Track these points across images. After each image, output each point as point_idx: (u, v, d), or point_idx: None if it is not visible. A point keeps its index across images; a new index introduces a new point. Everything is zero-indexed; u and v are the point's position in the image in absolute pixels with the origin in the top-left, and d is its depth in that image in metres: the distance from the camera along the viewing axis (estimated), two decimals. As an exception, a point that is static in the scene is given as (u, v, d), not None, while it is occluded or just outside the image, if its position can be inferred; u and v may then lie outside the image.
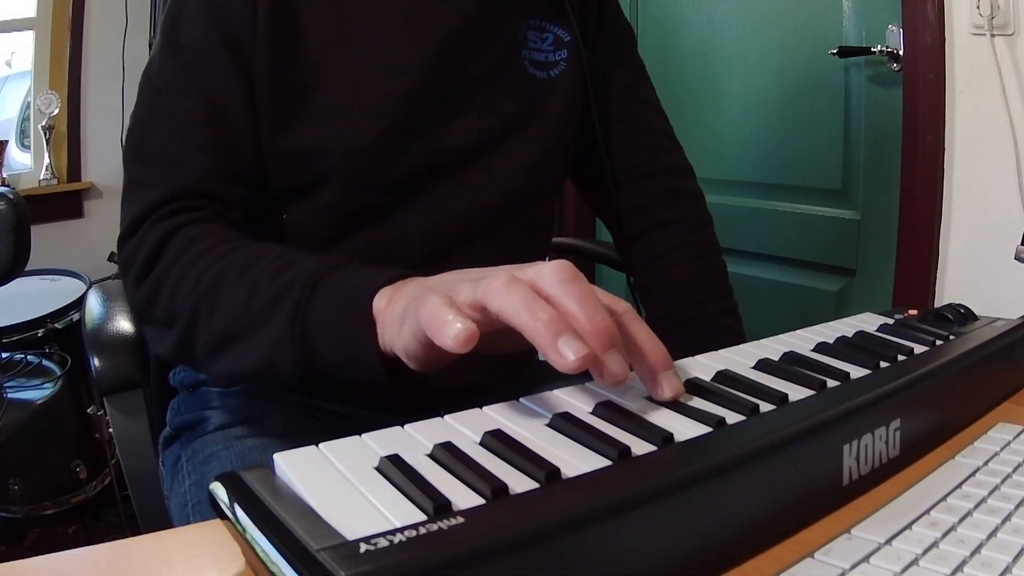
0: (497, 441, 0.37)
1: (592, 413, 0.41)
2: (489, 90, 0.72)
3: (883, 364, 0.51)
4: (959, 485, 0.43)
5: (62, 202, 2.46)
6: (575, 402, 0.43)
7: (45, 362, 1.86)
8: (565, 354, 0.37)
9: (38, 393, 1.78)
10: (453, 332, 0.38)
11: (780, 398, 0.44)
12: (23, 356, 1.83)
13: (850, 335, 0.58)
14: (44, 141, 2.42)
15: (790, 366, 0.50)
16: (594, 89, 0.81)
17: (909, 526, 0.38)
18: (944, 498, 0.41)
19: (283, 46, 0.65)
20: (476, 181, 0.72)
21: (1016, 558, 0.35)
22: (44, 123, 2.41)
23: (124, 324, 0.78)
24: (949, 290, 1.32)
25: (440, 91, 0.70)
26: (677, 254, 0.83)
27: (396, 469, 0.34)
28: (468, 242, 0.72)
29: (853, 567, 0.35)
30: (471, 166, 0.71)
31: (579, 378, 0.41)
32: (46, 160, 2.43)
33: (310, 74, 0.66)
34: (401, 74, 0.68)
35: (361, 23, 0.68)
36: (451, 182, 0.71)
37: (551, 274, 0.40)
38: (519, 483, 0.33)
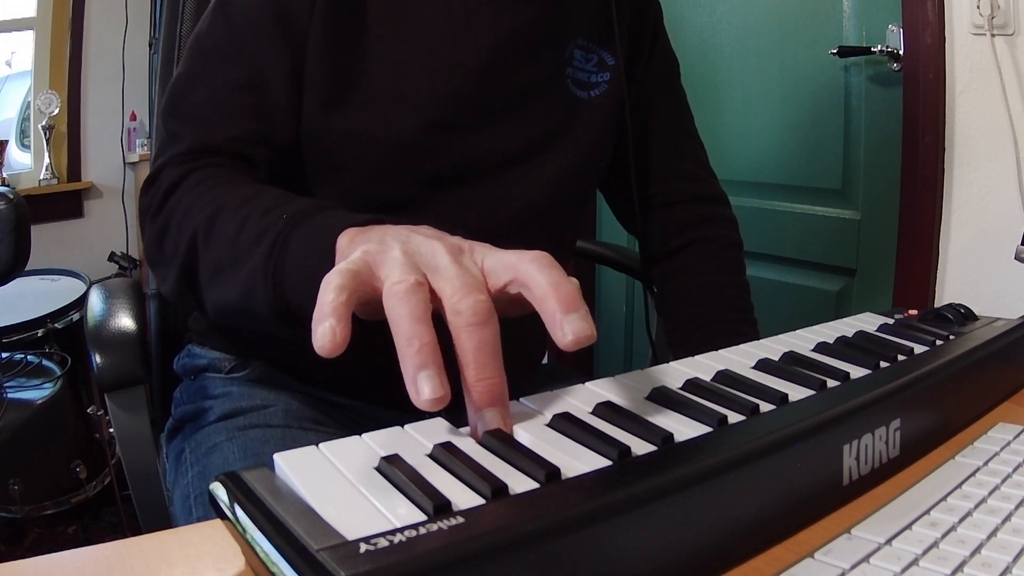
0: (497, 441, 0.37)
1: (592, 413, 0.41)
2: (531, 102, 0.73)
3: (883, 364, 0.51)
4: (959, 485, 0.43)
5: (62, 202, 2.46)
6: (575, 402, 0.43)
7: (45, 362, 1.86)
8: (420, 390, 0.35)
9: (38, 393, 1.78)
10: (319, 332, 0.36)
11: (780, 398, 0.44)
12: (23, 356, 1.83)
13: (850, 335, 0.58)
14: (44, 141, 2.42)
15: (790, 366, 0.50)
16: (639, 117, 0.83)
17: (909, 526, 0.38)
18: (944, 498, 0.41)
19: (340, 28, 0.66)
20: (505, 190, 0.72)
21: (1016, 558, 0.35)
22: (44, 123, 2.41)
23: (125, 321, 0.78)
24: (949, 290, 1.32)
25: (484, 95, 0.71)
26: (704, 266, 0.86)
27: (396, 469, 0.34)
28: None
29: (853, 567, 0.35)
30: (503, 174, 0.72)
31: (579, 378, 0.41)
32: (46, 160, 2.43)
33: (362, 59, 0.67)
34: (449, 73, 0.69)
35: (417, 18, 0.69)
36: (481, 188, 0.71)
37: (463, 313, 0.38)
38: (519, 483, 0.33)
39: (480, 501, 0.32)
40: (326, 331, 0.36)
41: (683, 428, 0.40)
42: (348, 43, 0.67)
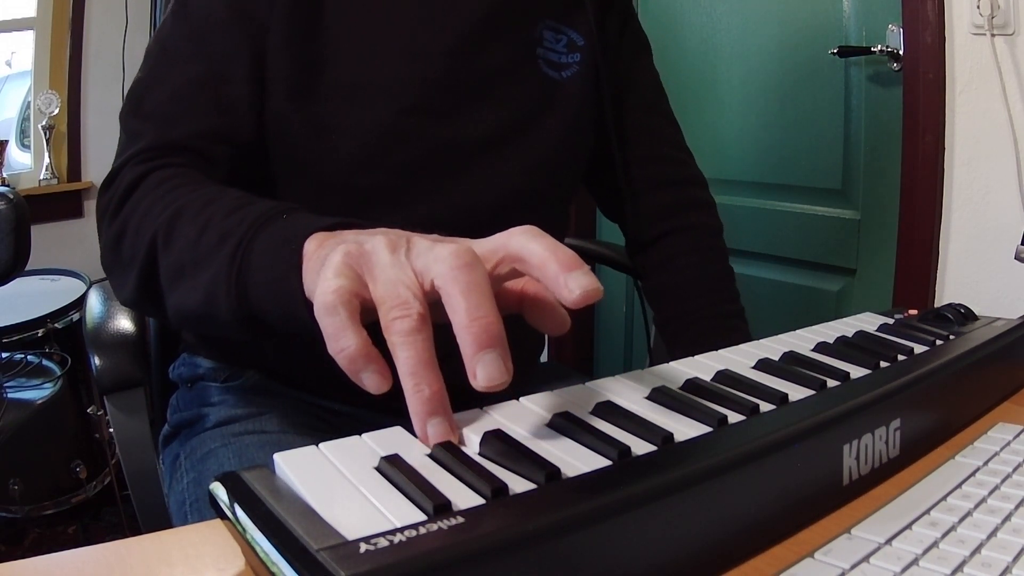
0: (497, 441, 0.37)
1: (592, 413, 0.41)
2: (503, 84, 0.73)
3: (883, 364, 0.51)
4: (959, 485, 0.43)
5: (62, 202, 2.46)
6: (575, 402, 0.43)
7: (45, 362, 1.86)
8: (431, 435, 0.37)
9: (38, 393, 1.78)
10: (368, 383, 0.38)
11: (780, 398, 0.44)
12: (23, 356, 1.83)
13: (850, 335, 0.58)
14: (44, 141, 2.42)
15: (790, 366, 0.50)
16: (615, 101, 0.82)
17: (909, 526, 0.38)
18: (944, 498, 0.41)
19: (302, 18, 0.66)
20: (485, 176, 0.72)
21: (1016, 558, 0.35)
22: (44, 123, 2.41)
23: (125, 323, 0.78)
24: (949, 290, 1.32)
25: (454, 79, 0.70)
26: (689, 258, 0.86)
27: (396, 469, 0.34)
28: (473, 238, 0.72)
29: (853, 567, 0.35)
30: (481, 160, 0.72)
31: (579, 378, 0.41)
32: (46, 160, 2.43)
33: (328, 49, 0.66)
34: (418, 58, 0.69)
35: (381, 4, 0.68)
36: (460, 175, 0.71)
37: (445, 260, 0.38)
38: (519, 483, 0.33)
39: (480, 501, 0.32)
40: (375, 379, 0.38)
41: (683, 428, 0.40)
42: (311, 33, 0.66)
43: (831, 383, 0.47)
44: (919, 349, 0.54)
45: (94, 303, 0.81)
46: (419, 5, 0.69)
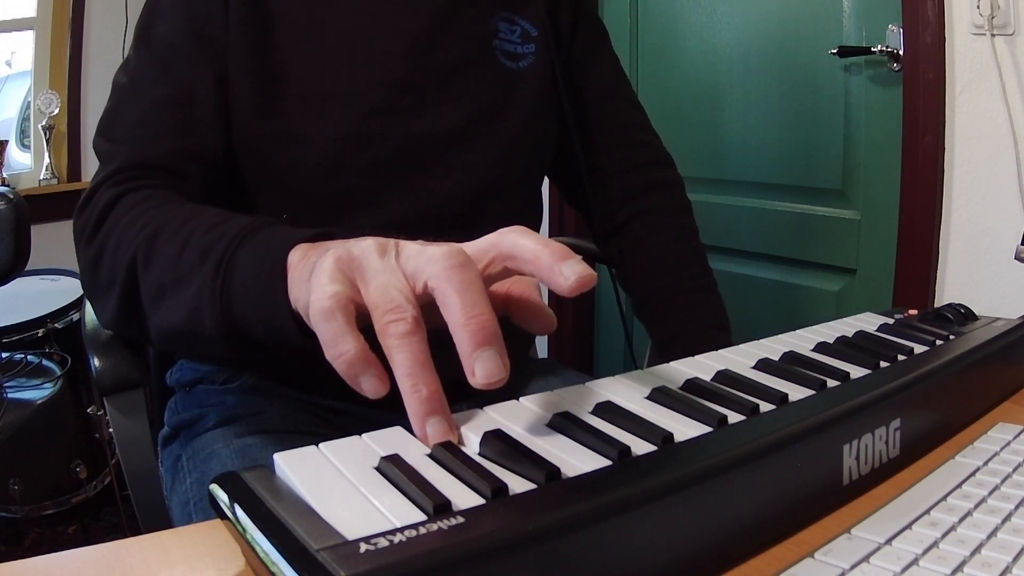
0: (497, 441, 0.37)
1: (592, 413, 0.41)
2: (463, 77, 0.74)
3: (883, 364, 0.51)
4: (959, 485, 0.43)
5: (62, 202, 2.45)
6: (575, 402, 0.43)
7: (45, 362, 1.85)
8: (430, 434, 0.37)
9: (38, 393, 1.78)
10: (367, 388, 0.38)
11: (780, 398, 0.44)
12: (23, 356, 1.83)
13: (850, 335, 0.58)
14: (44, 141, 2.42)
15: (790, 366, 0.50)
16: (574, 89, 0.83)
17: (909, 526, 0.38)
18: (944, 498, 0.41)
19: (256, 33, 0.67)
20: (453, 169, 0.73)
21: (1016, 558, 0.35)
22: (44, 123, 2.41)
23: (124, 324, 0.78)
24: (949, 290, 1.32)
25: (415, 77, 0.71)
26: (658, 238, 0.87)
27: (396, 469, 0.34)
28: (447, 234, 0.73)
29: (853, 567, 0.35)
30: (448, 154, 0.73)
31: (579, 378, 0.41)
32: (46, 160, 2.43)
33: (284, 61, 0.68)
34: (376, 61, 0.70)
35: (334, 11, 0.69)
36: (428, 171, 0.72)
37: (438, 261, 0.38)
38: (519, 483, 0.33)
39: (480, 501, 0.32)
40: (373, 383, 0.38)
41: (683, 428, 0.40)
42: (266, 48, 0.67)
43: (831, 383, 0.47)
44: (919, 349, 0.54)
45: (94, 303, 0.81)
46: (371, 9, 0.70)
